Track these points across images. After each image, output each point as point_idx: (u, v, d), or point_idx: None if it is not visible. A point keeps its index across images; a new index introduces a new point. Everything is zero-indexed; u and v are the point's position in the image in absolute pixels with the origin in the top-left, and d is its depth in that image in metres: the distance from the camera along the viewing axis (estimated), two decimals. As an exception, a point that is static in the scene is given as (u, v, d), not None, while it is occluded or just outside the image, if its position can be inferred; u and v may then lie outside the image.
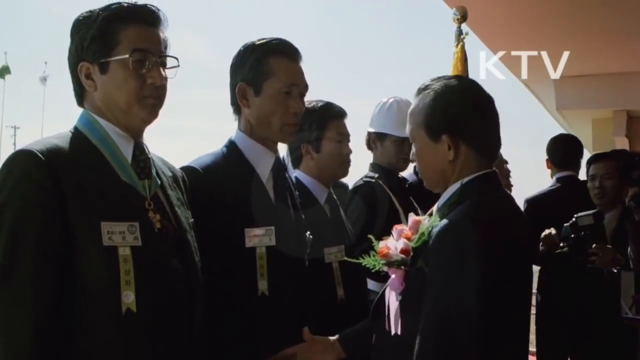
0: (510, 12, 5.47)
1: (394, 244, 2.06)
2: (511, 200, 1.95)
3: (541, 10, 5.40)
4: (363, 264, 2.12)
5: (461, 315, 1.66)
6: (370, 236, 2.11)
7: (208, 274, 1.89)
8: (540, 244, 4.01)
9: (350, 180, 3.49)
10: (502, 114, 1.94)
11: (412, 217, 2.16)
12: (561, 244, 3.86)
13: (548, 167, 4.54)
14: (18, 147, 1.67)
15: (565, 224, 3.83)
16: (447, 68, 3.61)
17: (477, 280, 1.65)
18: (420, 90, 1.91)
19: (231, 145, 2.22)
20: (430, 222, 1.94)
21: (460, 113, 1.83)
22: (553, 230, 3.93)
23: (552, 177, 4.49)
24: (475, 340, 1.65)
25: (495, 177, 1.89)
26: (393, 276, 1.95)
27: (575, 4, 5.25)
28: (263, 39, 2.20)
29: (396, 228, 2.13)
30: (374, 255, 2.09)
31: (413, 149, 1.95)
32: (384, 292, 2.03)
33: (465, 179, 1.84)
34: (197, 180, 2.04)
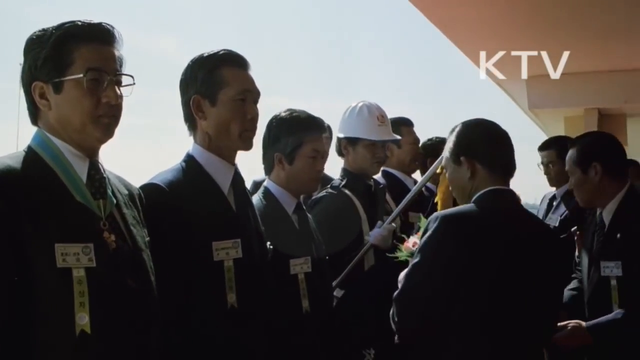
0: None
1: (412, 240, 2.78)
2: (511, 212, 2.28)
3: (512, 11, 5.45)
4: (399, 259, 2.76)
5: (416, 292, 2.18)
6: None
7: (175, 290, 1.89)
8: None
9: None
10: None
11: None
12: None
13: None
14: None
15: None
16: (424, 66, 3.52)
17: (429, 265, 2.15)
18: (451, 130, 2.42)
19: (190, 160, 2.21)
20: None
21: (473, 140, 2.34)
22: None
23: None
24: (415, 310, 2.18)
25: (504, 193, 2.30)
26: None
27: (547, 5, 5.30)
28: (210, 52, 2.22)
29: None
30: (400, 250, 2.82)
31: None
32: None
33: (476, 195, 2.28)
34: (161, 197, 2.04)
